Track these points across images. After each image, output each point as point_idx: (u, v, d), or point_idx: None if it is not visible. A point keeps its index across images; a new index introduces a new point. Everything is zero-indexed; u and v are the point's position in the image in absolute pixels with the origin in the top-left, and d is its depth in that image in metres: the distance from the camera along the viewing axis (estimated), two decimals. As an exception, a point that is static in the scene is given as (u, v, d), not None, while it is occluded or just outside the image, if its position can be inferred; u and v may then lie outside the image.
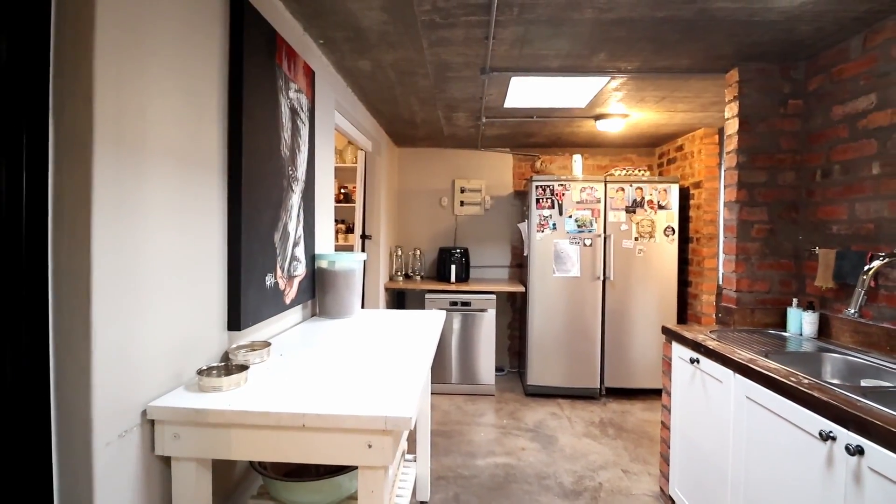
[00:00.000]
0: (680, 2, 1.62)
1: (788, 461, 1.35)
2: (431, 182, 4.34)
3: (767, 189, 2.11)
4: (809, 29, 1.82)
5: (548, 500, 2.24)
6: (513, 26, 1.83)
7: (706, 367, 1.79)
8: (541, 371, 3.58)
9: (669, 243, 3.52)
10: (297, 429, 1.00)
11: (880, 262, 1.43)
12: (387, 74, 2.38)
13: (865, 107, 1.78)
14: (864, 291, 1.42)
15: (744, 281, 2.12)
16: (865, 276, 1.42)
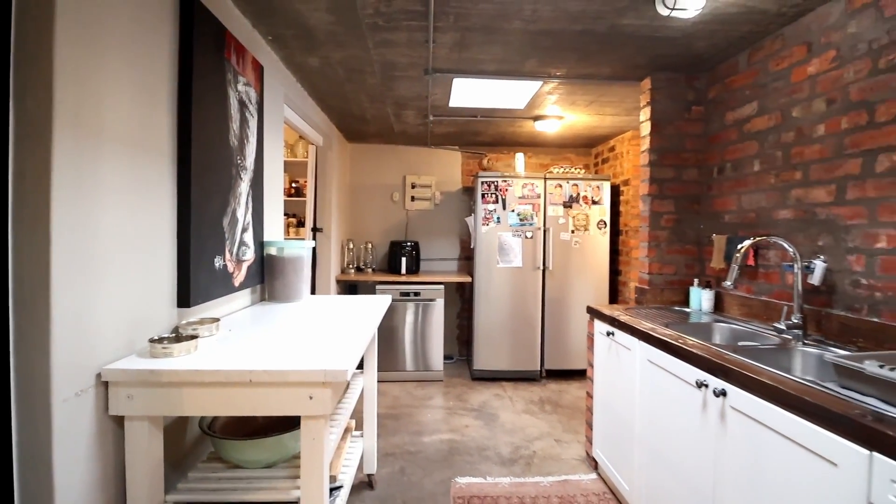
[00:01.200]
0: (593, 18, 1.85)
1: (677, 409, 1.60)
2: (383, 177, 4.47)
3: (674, 184, 2.42)
4: (705, 45, 2.11)
5: (487, 467, 2.44)
6: (451, 32, 2.00)
7: (619, 339, 2.04)
8: (486, 356, 3.80)
9: (602, 236, 3.83)
10: (244, 384, 1.12)
11: (749, 242, 1.72)
12: (336, 71, 2.49)
13: (749, 113, 2.09)
14: (738, 267, 1.70)
15: (655, 265, 2.41)
16: (738, 254, 1.70)
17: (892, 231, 1.45)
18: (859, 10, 1.58)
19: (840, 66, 1.64)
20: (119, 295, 1.17)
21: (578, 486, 2.25)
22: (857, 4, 1.59)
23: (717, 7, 1.75)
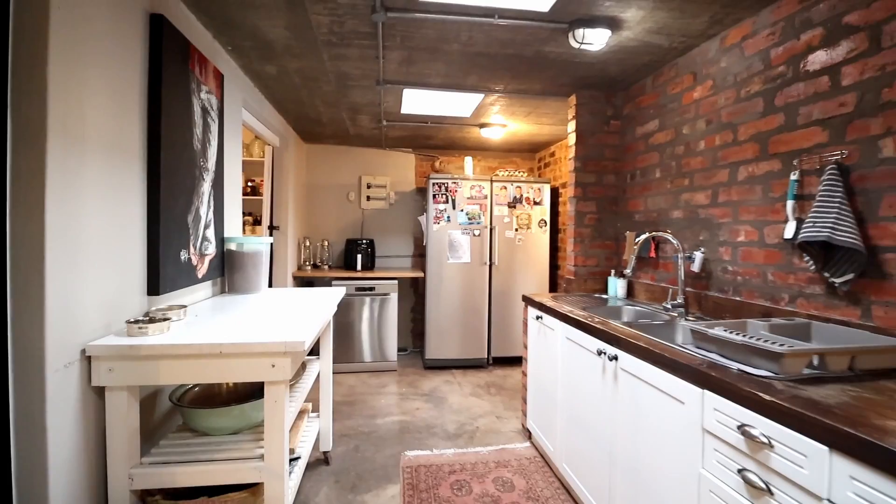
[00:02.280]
0: (521, 45, 2.15)
1: (586, 375, 1.92)
2: (339, 177, 4.63)
3: (596, 188, 2.77)
4: (617, 70, 2.47)
5: (434, 442, 2.70)
6: (398, 50, 2.24)
7: (546, 322, 2.36)
8: (438, 346, 4.07)
9: (543, 234, 4.20)
10: (215, 356, 1.32)
11: (644, 237, 2.08)
12: (292, 79, 2.67)
13: (652, 128, 2.47)
14: (635, 258, 2.05)
15: (580, 258, 2.76)
16: (635, 248, 2.05)
17: (748, 227, 1.84)
18: (728, 49, 1.96)
19: (715, 93, 2.02)
20: (98, 282, 1.33)
21: (513, 453, 2.55)
22: (727, 44, 1.97)
23: (621, 41, 2.09)
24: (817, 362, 1.17)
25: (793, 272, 1.62)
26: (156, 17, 1.56)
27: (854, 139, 1.42)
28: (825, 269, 1.46)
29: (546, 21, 1.91)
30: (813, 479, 0.92)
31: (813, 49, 1.56)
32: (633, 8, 1.80)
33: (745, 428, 1.07)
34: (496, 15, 1.87)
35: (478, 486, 2.20)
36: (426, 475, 2.31)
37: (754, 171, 1.79)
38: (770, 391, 1.05)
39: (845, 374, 1.16)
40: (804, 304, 1.58)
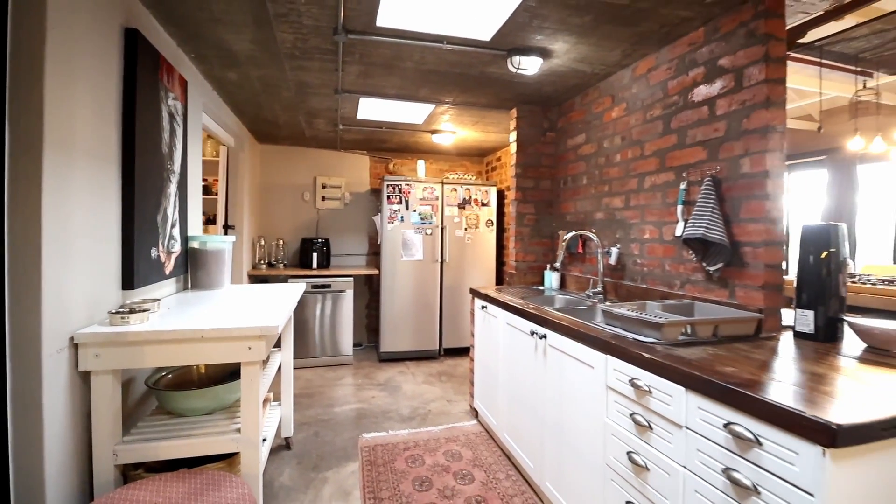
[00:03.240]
0: (467, 66, 2.43)
1: (522, 355, 2.23)
2: (294, 178, 4.73)
3: (534, 191, 3.11)
4: (551, 89, 2.81)
5: (389, 425, 2.93)
6: (356, 65, 2.45)
7: (490, 311, 2.66)
8: (392, 340, 4.29)
9: (490, 233, 4.53)
10: (196, 340, 1.49)
11: (570, 235, 2.42)
12: (253, 85, 2.80)
13: (580, 141, 2.83)
14: (562, 253, 2.39)
15: (520, 254, 3.09)
16: (563, 244, 2.39)
17: (652, 227, 2.21)
18: (638, 78, 2.33)
19: (628, 114, 2.40)
20: (82, 276, 1.45)
21: (462, 430, 2.83)
22: (637, 74, 2.34)
23: (552, 67, 2.42)
24: (690, 331, 1.52)
25: (682, 263, 2.01)
26: (130, 32, 1.69)
27: (724, 157, 1.81)
28: (703, 260, 1.85)
29: (488, 48, 2.20)
30: (676, 413, 1.25)
31: (697, 84, 1.95)
32: (560, 41, 2.12)
33: (634, 380, 1.40)
34: (445, 41, 2.14)
35: (429, 459, 2.46)
36: (383, 452, 2.54)
37: (656, 181, 2.18)
38: (652, 352, 1.38)
39: (710, 339, 1.52)
40: (690, 288, 1.96)
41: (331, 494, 2.17)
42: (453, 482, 2.23)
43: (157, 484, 1.39)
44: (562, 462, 1.85)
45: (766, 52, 1.64)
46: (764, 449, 1.00)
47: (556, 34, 2.05)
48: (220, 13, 1.89)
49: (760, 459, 1.01)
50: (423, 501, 2.07)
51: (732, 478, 1.06)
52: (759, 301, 1.64)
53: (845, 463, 0.89)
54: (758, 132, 1.66)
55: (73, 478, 1.40)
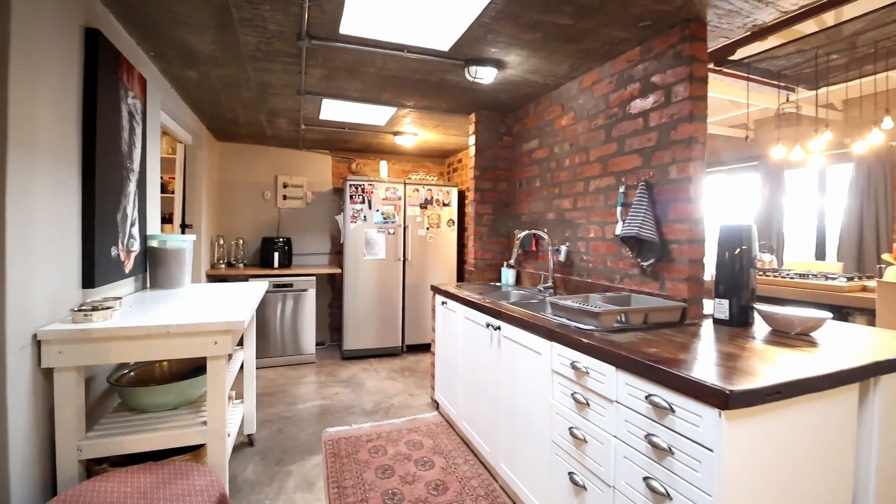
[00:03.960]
0: (427, 72, 2.55)
1: (479, 346, 2.37)
2: (254, 176, 4.69)
3: (492, 193, 3.27)
4: (507, 97, 2.98)
5: (353, 419, 3.01)
6: (320, 68, 2.52)
7: (450, 306, 2.79)
8: (355, 338, 4.35)
9: (451, 232, 4.67)
10: (163, 336, 1.53)
11: (523, 234, 2.60)
12: (213, 84, 2.80)
13: (534, 146, 3.02)
14: (515, 250, 2.56)
15: (479, 252, 3.24)
16: (517, 242, 2.56)
17: (596, 227, 2.42)
18: (584, 89, 2.53)
19: (576, 122, 2.59)
20: (44, 274, 1.47)
21: (423, 421, 2.95)
22: (584, 85, 2.54)
23: (507, 76, 2.58)
24: (624, 319, 1.71)
25: (622, 259, 2.22)
26: (91, 31, 1.70)
27: (655, 165, 2.02)
28: (638, 257, 2.05)
29: (446, 58, 2.33)
30: (608, 389, 1.42)
31: (634, 97, 2.15)
32: (513, 54, 2.28)
33: (575, 363, 1.57)
34: (406, 50, 2.25)
35: (392, 448, 2.57)
36: (346, 445, 2.62)
37: (599, 185, 2.38)
38: (590, 338, 1.55)
39: (641, 326, 1.71)
40: (628, 281, 2.17)
41: (295, 486, 2.24)
42: (414, 469, 2.35)
43: (123, 476, 1.42)
44: (514, 443, 2.00)
45: (690, 72, 1.85)
46: (676, 415, 1.18)
47: (509, 47, 2.21)
48: (183, 15, 1.92)
49: (674, 424, 1.18)
50: (386, 487, 2.18)
51: (653, 442, 1.23)
52: (684, 292, 1.85)
53: (737, 423, 1.08)
54: (683, 143, 1.87)
55: (37, 473, 1.42)
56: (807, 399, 1.17)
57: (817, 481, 1.21)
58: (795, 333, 1.59)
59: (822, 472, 1.22)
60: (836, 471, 1.25)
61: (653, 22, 1.92)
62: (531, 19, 1.92)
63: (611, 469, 1.40)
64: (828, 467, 1.23)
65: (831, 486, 1.24)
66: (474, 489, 2.17)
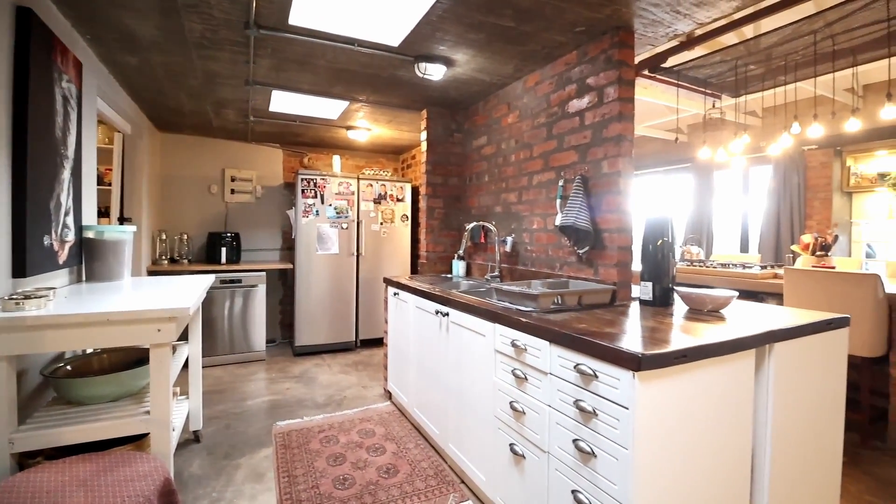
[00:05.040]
0: (378, 67, 2.60)
1: (429, 333, 2.46)
2: (200, 169, 4.54)
3: (443, 187, 3.37)
4: (456, 94, 3.08)
5: (304, 411, 3.01)
6: (269, 59, 2.51)
7: (402, 297, 2.86)
8: (308, 333, 4.31)
9: (405, 227, 4.73)
10: (102, 324, 1.50)
11: (471, 225, 2.71)
12: (155, 72, 2.71)
13: (483, 143, 3.14)
14: (465, 242, 2.67)
15: (431, 245, 3.33)
16: (466, 234, 2.67)
17: (539, 219, 2.56)
18: (528, 89, 2.67)
19: (520, 120, 2.73)
20: (-31, 260, 1.40)
21: (376, 411, 3.00)
22: (528, 86, 2.68)
23: (456, 74, 2.68)
24: (560, 301, 1.85)
25: (561, 248, 2.37)
26: (23, 10, 1.63)
27: (590, 160, 2.18)
28: (575, 245, 2.21)
29: (396, 53, 2.40)
30: (543, 363, 1.54)
31: (571, 98, 2.31)
32: (461, 53, 2.38)
33: (515, 342, 1.68)
34: (356, 43, 2.29)
35: (344, 438, 2.60)
36: (297, 437, 2.62)
37: (541, 179, 2.53)
38: (528, 318, 1.67)
39: (575, 307, 1.86)
40: (567, 269, 2.33)
41: (244, 478, 2.23)
42: (366, 455, 2.40)
43: (61, 466, 1.39)
44: (461, 423, 2.10)
45: (619, 75, 2.02)
46: (600, 380, 1.31)
47: (457, 46, 2.31)
48: (123, -2, 1.87)
49: (598, 389, 1.32)
50: (337, 473, 2.21)
51: (580, 406, 1.36)
52: (615, 276, 2.02)
53: (649, 383, 1.22)
54: (613, 140, 2.04)
55: (-40, 468, 1.36)
56: (710, 363, 1.34)
57: (721, 434, 1.38)
58: (708, 310, 1.78)
59: (724, 426, 1.39)
60: (737, 424, 1.43)
61: (587, 28, 2.07)
62: (476, 20, 2.02)
63: (546, 436, 1.53)
64: (730, 422, 1.41)
65: (733, 438, 1.42)
66: (424, 470, 2.25)
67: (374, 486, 2.11)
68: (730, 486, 1.42)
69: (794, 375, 1.57)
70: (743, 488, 1.46)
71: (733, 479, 1.43)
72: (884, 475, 2.20)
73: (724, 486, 1.40)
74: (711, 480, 1.37)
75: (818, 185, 5.04)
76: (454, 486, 2.12)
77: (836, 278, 2.48)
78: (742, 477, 1.46)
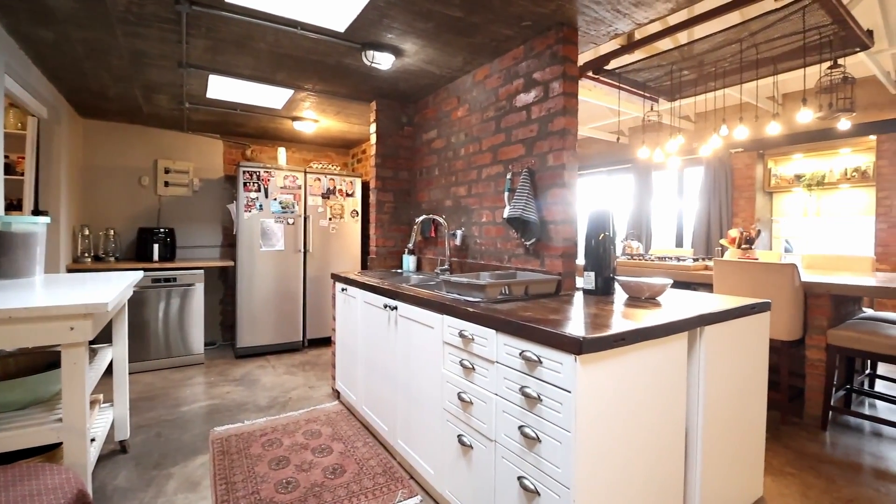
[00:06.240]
0: (323, 54, 2.51)
1: (377, 328, 2.40)
2: (129, 159, 4.21)
3: (393, 181, 3.32)
4: (406, 86, 3.04)
5: (245, 415, 2.85)
6: (204, 39, 2.35)
7: (350, 292, 2.78)
8: (251, 334, 4.11)
9: (355, 223, 4.62)
10: (3, 321, 1.33)
11: (421, 219, 2.68)
12: (74, 49, 2.47)
13: (433, 136, 3.12)
14: (414, 236, 2.63)
15: (380, 239, 3.27)
16: (416, 227, 2.63)
17: (488, 212, 2.58)
18: (477, 83, 2.68)
19: (470, 114, 2.74)
20: None
21: (323, 411, 2.90)
22: (477, 79, 2.69)
23: (405, 65, 2.64)
24: (507, 291, 1.86)
25: (509, 241, 2.39)
26: None
27: (537, 153, 2.22)
28: (523, 237, 2.24)
29: (343, 39, 2.32)
30: (490, 351, 1.54)
31: (519, 92, 2.34)
32: (409, 43, 2.35)
33: (462, 332, 1.67)
34: (299, 26, 2.20)
35: (288, 440, 2.49)
36: (237, 442, 2.48)
37: (490, 172, 2.54)
38: (476, 308, 1.66)
39: (522, 297, 1.88)
40: (515, 260, 2.35)
41: (176, 487, 2.07)
42: (311, 457, 2.30)
43: (-52, 483, 1.22)
44: (410, 418, 2.07)
45: (563, 70, 2.07)
46: (544, 366, 1.32)
47: (405, 35, 2.27)
48: (30, -40, 1.68)
49: (542, 374, 1.33)
50: (279, 477, 2.11)
51: (525, 393, 1.37)
52: (559, 267, 2.06)
53: (590, 366, 1.24)
54: (558, 134, 2.08)
55: None
56: (647, 345, 1.39)
57: (657, 413, 1.44)
58: (646, 298, 1.86)
59: (660, 405, 1.45)
60: (671, 403, 1.49)
61: (533, 23, 2.10)
62: (424, 7, 1.99)
63: (492, 425, 1.52)
64: (665, 401, 1.47)
65: (669, 416, 1.48)
66: (372, 468, 2.19)
67: (320, 487, 2.03)
68: (666, 462, 1.48)
69: (723, 356, 1.66)
70: (678, 464, 1.53)
71: (669, 455, 1.49)
72: (801, 448, 2.39)
73: (661, 462, 1.46)
74: (649, 457, 1.42)
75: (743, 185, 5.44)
76: (403, 482, 2.08)
77: (758, 268, 2.68)
78: (677, 453, 1.52)
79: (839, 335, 2.50)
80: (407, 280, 2.87)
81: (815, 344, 2.63)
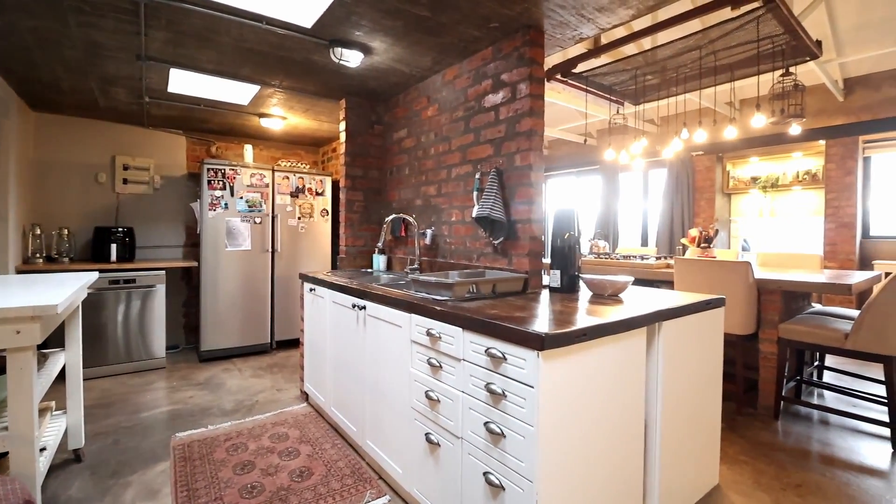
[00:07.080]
0: (290, 49, 2.47)
1: (346, 328, 2.38)
2: (84, 155, 4.02)
3: (363, 180, 3.29)
4: (375, 84, 3.02)
5: (209, 420, 2.77)
6: (164, 31, 2.27)
7: (318, 292, 2.74)
8: (215, 336, 3.99)
9: (325, 222, 4.56)
10: (-61, 324, 1.25)
11: (390, 218, 2.68)
12: (23, 38, 2.34)
13: (403, 135, 3.11)
14: (384, 235, 2.63)
15: (350, 239, 3.24)
16: (386, 226, 2.62)
17: (457, 211, 2.59)
18: (446, 83, 2.69)
19: (440, 114, 2.74)
20: None
21: (291, 413, 2.85)
22: (446, 79, 2.70)
23: (374, 63, 2.62)
24: (475, 289, 1.87)
25: (478, 240, 2.42)
26: None
27: (504, 153, 2.24)
28: (491, 236, 2.26)
29: (310, 35, 2.29)
30: (457, 349, 1.55)
31: (487, 93, 2.36)
32: (378, 41, 2.33)
33: (430, 330, 1.67)
34: (264, 21, 2.15)
35: (254, 444, 2.43)
36: (200, 447, 2.41)
37: (459, 172, 2.56)
38: (443, 307, 1.67)
39: (489, 295, 1.90)
40: (483, 259, 2.38)
41: (134, 496, 2.00)
42: (278, 460, 2.26)
43: None
44: (379, 418, 2.06)
45: (530, 72, 2.10)
46: (509, 362, 1.34)
47: (373, 33, 2.25)
48: (-30, -58, 1.58)
49: (507, 370, 1.35)
50: (244, 482, 2.06)
51: (491, 389, 1.39)
52: (526, 265, 2.10)
53: (552, 361, 1.27)
54: (525, 134, 2.11)
55: None
56: (608, 340, 1.43)
57: (618, 406, 1.48)
58: (608, 294, 1.91)
59: (621, 398, 1.50)
60: (631, 396, 1.54)
61: (500, 25, 2.13)
62: (392, 5, 1.99)
63: (459, 422, 1.53)
64: (625, 394, 1.51)
65: (629, 408, 1.53)
66: (340, 470, 2.17)
67: (286, 491, 2.00)
68: (626, 453, 1.53)
69: (680, 350, 1.73)
70: (638, 455, 1.58)
71: (629, 446, 1.54)
72: (755, 437, 2.51)
73: (622, 453, 1.51)
74: (610, 449, 1.46)
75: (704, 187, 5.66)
76: (372, 482, 2.07)
77: (716, 266, 2.79)
78: (637, 444, 1.57)
79: (790, 329, 2.63)
80: (376, 279, 2.85)
81: (767, 337, 2.77)
